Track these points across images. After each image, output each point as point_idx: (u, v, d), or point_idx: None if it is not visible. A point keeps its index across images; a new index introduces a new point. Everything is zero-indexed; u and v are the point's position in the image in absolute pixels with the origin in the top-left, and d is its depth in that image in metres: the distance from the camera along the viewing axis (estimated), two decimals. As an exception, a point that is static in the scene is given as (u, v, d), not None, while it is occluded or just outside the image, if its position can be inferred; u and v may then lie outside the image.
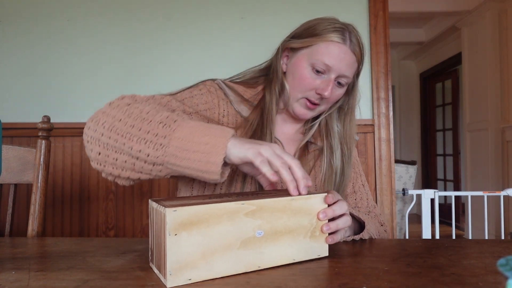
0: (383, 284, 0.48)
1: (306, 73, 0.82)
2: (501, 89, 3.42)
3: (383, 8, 1.78)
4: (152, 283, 0.49)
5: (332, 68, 0.81)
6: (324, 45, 0.81)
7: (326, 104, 0.86)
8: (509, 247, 0.67)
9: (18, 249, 0.68)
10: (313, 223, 0.59)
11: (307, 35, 0.84)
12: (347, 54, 0.81)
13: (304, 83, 0.82)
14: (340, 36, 0.81)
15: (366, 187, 0.97)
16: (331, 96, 0.83)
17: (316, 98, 0.83)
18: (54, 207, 1.70)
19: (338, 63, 0.80)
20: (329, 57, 0.80)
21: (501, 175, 3.39)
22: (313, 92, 0.83)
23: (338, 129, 0.91)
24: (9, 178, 1.01)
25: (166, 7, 1.77)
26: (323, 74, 0.82)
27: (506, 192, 2.25)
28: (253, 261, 0.54)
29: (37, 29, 1.75)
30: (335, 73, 0.81)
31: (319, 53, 0.81)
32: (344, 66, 0.81)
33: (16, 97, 1.73)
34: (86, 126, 0.66)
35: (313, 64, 0.81)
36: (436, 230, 2.31)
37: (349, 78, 0.84)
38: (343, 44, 0.81)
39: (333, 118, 0.92)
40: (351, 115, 0.92)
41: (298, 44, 0.84)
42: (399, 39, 4.85)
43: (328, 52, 0.80)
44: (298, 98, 0.84)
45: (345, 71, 0.82)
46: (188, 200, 0.55)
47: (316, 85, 0.82)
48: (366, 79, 1.80)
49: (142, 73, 1.76)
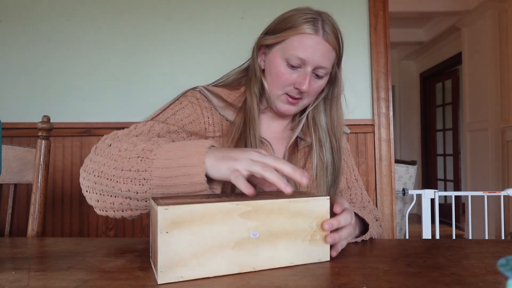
0: (383, 284, 0.48)
1: (282, 69, 0.81)
2: (501, 89, 3.42)
3: (383, 8, 1.78)
4: (152, 283, 0.49)
5: (306, 61, 0.79)
6: (296, 39, 0.79)
7: (308, 97, 0.85)
8: (509, 247, 0.67)
9: (18, 249, 0.68)
10: (313, 226, 0.58)
11: (279, 30, 0.82)
12: (320, 45, 0.79)
13: (281, 80, 0.82)
14: (311, 27, 0.79)
15: (359, 182, 0.97)
16: (311, 89, 0.82)
17: (295, 93, 0.82)
18: (54, 207, 1.70)
19: (312, 55, 0.79)
20: (303, 51, 0.79)
21: (501, 175, 3.39)
22: (291, 87, 0.82)
23: (325, 121, 0.91)
24: (9, 178, 1.01)
25: (166, 7, 1.77)
26: (299, 68, 0.81)
27: (506, 192, 2.25)
28: (248, 262, 0.53)
29: (37, 29, 1.75)
30: (311, 66, 0.80)
31: (292, 47, 0.79)
32: (319, 57, 0.79)
33: (16, 97, 1.73)
34: (80, 176, 0.68)
35: (288, 59, 0.80)
36: (436, 230, 2.31)
37: (327, 68, 0.82)
38: (315, 35, 0.79)
39: (319, 111, 0.91)
40: (337, 104, 0.91)
41: (272, 40, 0.83)
42: (399, 39, 4.85)
43: (301, 45, 0.79)
44: (278, 94, 0.84)
45: (321, 62, 0.80)
46: (185, 199, 0.54)
47: (293, 80, 0.81)
48: (366, 79, 1.80)
49: (142, 73, 1.76)
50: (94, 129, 1.71)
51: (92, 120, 1.73)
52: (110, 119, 1.74)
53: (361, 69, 1.80)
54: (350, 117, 1.79)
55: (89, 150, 1.71)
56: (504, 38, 3.40)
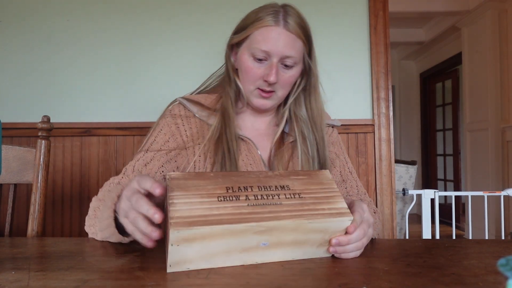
0: (383, 284, 0.48)
1: (250, 64, 0.83)
2: (501, 89, 3.42)
3: (383, 8, 1.78)
4: (152, 283, 0.49)
5: (270, 52, 0.81)
6: (258, 32, 0.82)
7: (281, 89, 0.86)
8: (509, 247, 0.67)
9: (18, 249, 0.68)
10: (326, 238, 0.57)
11: (244, 27, 0.85)
12: (282, 35, 0.81)
13: (250, 75, 0.84)
14: (272, 19, 0.81)
15: (354, 174, 0.97)
16: (282, 80, 0.84)
17: (266, 85, 0.84)
18: (54, 207, 1.70)
19: (274, 46, 0.80)
20: (265, 43, 0.81)
21: (501, 175, 3.39)
22: (261, 81, 0.84)
23: (305, 113, 0.92)
24: (9, 178, 1.01)
25: (166, 8, 1.77)
26: (265, 61, 0.83)
27: (506, 192, 2.25)
28: (253, 258, 0.55)
29: (37, 29, 1.75)
30: (276, 57, 0.81)
31: (256, 41, 0.82)
32: (282, 47, 0.81)
33: (16, 97, 1.73)
34: None
35: (253, 54, 0.82)
36: (436, 230, 2.31)
37: (294, 57, 0.83)
38: (276, 27, 0.81)
39: (299, 104, 0.92)
40: (315, 94, 0.92)
41: (238, 38, 0.86)
42: (399, 39, 4.85)
43: (263, 38, 0.81)
44: (251, 90, 0.86)
45: (286, 52, 0.81)
46: (200, 197, 0.52)
47: (261, 74, 0.83)
48: (366, 79, 1.80)
49: (142, 73, 1.76)
50: (94, 129, 1.71)
51: (92, 120, 1.73)
52: (110, 119, 1.74)
53: (361, 69, 1.80)
54: (350, 117, 1.79)
55: (89, 150, 1.71)
56: (504, 38, 3.40)
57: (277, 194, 0.55)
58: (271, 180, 0.56)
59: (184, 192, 0.51)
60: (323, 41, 1.82)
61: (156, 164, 0.83)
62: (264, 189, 0.55)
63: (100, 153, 1.72)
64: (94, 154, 1.71)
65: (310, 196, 0.56)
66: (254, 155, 0.86)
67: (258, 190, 0.55)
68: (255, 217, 0.51)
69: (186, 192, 0.51)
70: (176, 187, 0.52)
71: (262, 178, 0.56)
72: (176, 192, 0.51)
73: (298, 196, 0.55)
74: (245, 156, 0.86)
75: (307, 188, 0.57)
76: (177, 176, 0.53)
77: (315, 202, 0.56)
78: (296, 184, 0.56)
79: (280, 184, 0.56)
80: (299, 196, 0.55)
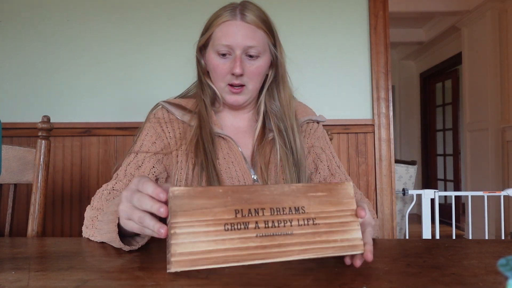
0: (383, 284, 0.48)
1: (215, 61, 0.86)
2: (501, 89, 3.42)
3: (383, 8, 1.78)
4: (152, 283, 0.49)
5: (231, 45, 0.84)
6: (219, 29, 0.85)
7: (250, 81, 0.87)
8: (509, 247, 0.67)
9: (18, 249, 0.68)
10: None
11: (206, 28, 0.89)
12: (240, 27, 0.84)
13: (217, 72, 0.86)
14: (230, 14, 0.85)
15: (342, 168, 0.97)
16: (248, 71, 0.85)
17: (234, 79, 0.85)
18: (54, 207, 1.70)
19: (234, 39, 0.83)
20: (225, 37, 0.84)
21: (501, 175, 3.39)
22: (229, 75, 0.85)
23: (278, 105, 0.93)
24: (9, 178, 1.01)
25: (166, 7, 1.77)
26: (229, 55, 0.85)
27: (506, 192, 2.25)
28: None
29: (37, 29, 1.75)
30: (238, 49, 0.84)
31: (217, 38, 0.85)
32: (242, 38, 0.83)
33: (16, 97, 1.73)
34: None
35: (217, 51, 0.85)
36: (436, 230, 2.31)
37: (257, 47, 0.85)
38: (233, 20, 0.84)
39: (272, 97, 0.94)
40: (283, 83, 0.93)
41: (202, 41, 0.90)
42: (399, 39, 4.85)
43: (223, 33, 0.84)
44: (222, 87, 0.88)
45: (246, 42, 0.84)
46: (206, 225, 0.47)
47: (227, 68, 0.85)
48: (366, 79, 1.80)
49: (142, 73, 1.76)
50: (94, 129, 1.71)
51: (92, 120, 1.73)
52: (110, 119, 1.74)
53: (361, 69, 1.80)
54: (350, 117, 1.79)
55: (89, 150, 1.71)
56: (504, 38, 3.40)
57: (290, 220, 0.50)
58: (286, 198, 0.51)
59: (188, 218, 0.47)
60: (323, 41, 1.82)
61: (148, 165, 0.84)
62: (277, 211, 0.50)
63: (100, 153, 1.72)
64: (94, 154, 1.71)
65: (325, 222, 0.52)
66: (235, 153, 0.87)
67: (270, 214, 0.50)
68: (261, 253, 0.48)
69: (190, 218, 0.47)
70: (179, 211, 0.46)
71: (277, 196, 0.51)
72: (180, 219, 0.46)
73: (312, 223, 0.51)
74: (226, 154, 0.87)
75: (323, 211, 0.52)
76: (181, 193, 0.47)
77: (328, 231, 0.52)
78: (313, 204, 0.52)
79: (295, 205, 0.51)
80: (313, 223, 0.51)
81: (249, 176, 0.86)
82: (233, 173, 0.85)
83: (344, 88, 1.80)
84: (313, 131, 0.98)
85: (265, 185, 0.51)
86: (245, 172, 0.86)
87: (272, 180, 0.87)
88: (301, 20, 1.81)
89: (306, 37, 1.80)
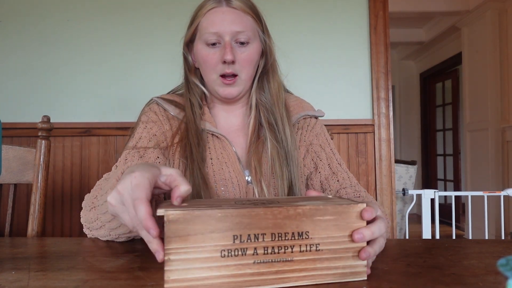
0: (383, 284, 0.48)
1: (205, 52, 0.83)
2: (501, 89, 3.42)
3: (383, 8, 1.78)
4: (152, 283, 0.49)
5: (219, 32, 0.81)
6: (204, 18, 0.83)
7: (243, 69, 0.84)
8: (509, 247, 0.67)
9: (18, 249, 0.68)
10: None
11: (192, 21, 0.86)
12: (227, 13, 0.81)
13: (208, 62, 0.83)
14: (213, 2, 0.82)
15: (343, 165, 0.92)
16: (240, 59, 0.82)
17: (226, 68, 0.82)
18: (54, 207, 1.70)
19: (221, 25, 0.81)
20: (212, 25, 0.81)
21: (501, 175, 3.39)
22: (220, 65, 0.82)
23: (268, 96, 0.90)
24: (9, 178, 1.01)
25: (166, 7, 1.77)
26: (219, 44, 0.82)
27: (506, 192, 2.25)
28: None
29: (37, 29, 1.75)
30: (227, 35, 0.81)
31: (204, 27, 0.82)
32: (230, 24, 0.81)
33: (16, 97, 1.73)
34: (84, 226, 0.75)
35: (205, 41, 0.82)
36: (436, 230, 2.31)
37: (246, 32, 0.82)
38: (218, 7, 0.82)
39: (262, 89, 0.91)
40: (273, 73, 0.90)
41: (189, 34, 0.87)
42: (399, 39, 4.85)
43: (210, 21, 0.82)
44: (214, 79, 0.84)
45: (235, 27, 0.81)
46: (201, 252, 0.45)
47: (217, 57, 0.82)
48: (366, 79, 1.80)
49: (142, 73, 1.76)
50: (94, 129, 1.71)
51: (92, 120, 1.73)
52: (110, 119, 1.74)
53: (361, 69, 1.80)
54: (350, 117, 1.79)
55: (89, 150, 1.71)
56: (504, 38, 3.40)
57: (291, 246, 0.47)
58: (289, 223, 0.47)
59: (183, 244, 0.44)
60: (323, 41, 1.82)
61: (152, 156, 0.81)
62: (279, 237, 0.47)
63: (100, 153, 1.72)
64: (94, 154, 1.71)
65: (329, 248, 0.49)
66: (229, 153, 0.84)
67: (271, 240, 0.46)
68: (257, 280, 0.46)
69: (186, 244, 0.44)
70: (173, 236, 0.43)
71: (280, 220, 0.47)
72: (174, 245, 0.43)
73: (315, 249, 0.48)
74: (220, 154, 0.84)
75: (330, 236, 0.49)
76: (176, 218, 0.44)
77: (331, 258, 0.49)
78: (318, 229, 0.48)
79: (299, 230, 0.47)
80: (315, 249, 0.48)
81: (243, 177, 0.83)
82: (226, 175, 0.83)
83: (344, 88, 1.80)
84: (311, 127, 0.93)
85: (268, 207, 0.46)
86: (238, 174, 0.83)
87: (266, 179, 0.83)
88: (301, 20, 1.80)
89: (306, 37, 1.80)
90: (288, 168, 0.84)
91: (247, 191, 0.83)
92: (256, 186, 0.82)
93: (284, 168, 0.84)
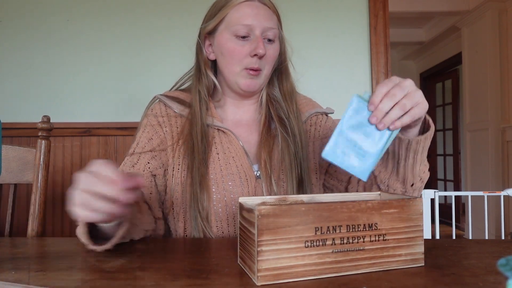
0: (383, 284, 0.48)
1: (233, 44, 0.82)
2: (501, 89, 3.42)
3: (383, 8, 1.78)
4: (152, 283, 0.49)
5: (252, 26, 0.80)
6: (235, 10, 0.82)
7: (267, 65, 0.84)
8: (509, 247, 0.67)
9: (18, 249, 0.68)
10: None
11: (216, 12, 0.84)
12: (259, 8, 0.82)
13: (235, 54, 0.82)
14: None
15: None
16: (268, 54, 0.83)
17: (254, 62, 0.82)
18: (54, 207, 1.70)
19: (255, 19, 0.80)
20: (245, 18, 0.80)
21: (501, 175, 3.39)
22: (248, 58, 0.82)
23: (278, 92, 0.91)
24: (9, 178, 1.01)
25: (167, 7, 1.77)
26: (248, 37, 0.82)
27: (506, 192, 2.25)
28: None
29: (37, 29, 1.75)
30: (258, 30, 0.81)
31: (235, 19, 0.81)
32: (263, 19, 0.81)
33: (16, 97, 1.73)
34: None
35: (235, 32, 0.81)
36: (436, 230, 2.31)
37: (274, 29, 0.83)
38: (251, 1, 0.82)
39: (272, 84, 0.91)
40: (286, 71, 0.92)
41: (213, 24, 0.85)
42: (399, 39, 4.85)
43: (242, 14, 0.81)
44: (237, 72, 0.83)
45: (267, 23, 0.82)
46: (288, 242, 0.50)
47: (247, 50, 0.81)
48: (366, 79, 1.80)
49: (142, 73, 1.76)
50: (94, 129, 1.71)
51: (92, 120, 1.73)
52: (110, 119, 1.74)
53: (361, 69, 1.80)
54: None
55: (89, 150, 1.71)
56: (504, 38, 3.40)
57: (363, 236, 0.54)
58: (361, 215, 0.54)
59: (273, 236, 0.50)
60: (323, 41, 1.82)
61: (142, 162, 0.82)
62: (353, 229, 0.53)
63: (100, 153, 1.72)
64: (94, 154, 1.71)
65: (394, 238, 0.55)
66: (235, 147, 0.84)
67: (346, 231, 0.53)
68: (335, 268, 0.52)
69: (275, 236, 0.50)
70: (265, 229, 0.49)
71: (353, 213, 0.53)
72: (266, 237, 0.49)
73: (383, 239, 0.55)
74: (226, 149, 0.84)
75: (394, 227, 0.55)
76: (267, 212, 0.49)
77: (396, 246, 0.55)
78: (385, 221, 0.55)
79: (369, 222, 0.54)
80: (383, 239, 0.55)
81: (251, 172, 0.83)
82: (234, 169, 0.82)
83: (344, 87, 1.80)
84: (324, 122, 0.94)
85: (343, 202, 0.53)
86: (246, 168, 0.83)
87: (275, 174, 0.83)
88: (301, 20, 1.80)
89: (306, 37, 1.80)
90: (297, 162, 0.84)
91: (256, 186, 0.83)
92: (265, 180, 0.82)
93: (293, 163, 0.84)
